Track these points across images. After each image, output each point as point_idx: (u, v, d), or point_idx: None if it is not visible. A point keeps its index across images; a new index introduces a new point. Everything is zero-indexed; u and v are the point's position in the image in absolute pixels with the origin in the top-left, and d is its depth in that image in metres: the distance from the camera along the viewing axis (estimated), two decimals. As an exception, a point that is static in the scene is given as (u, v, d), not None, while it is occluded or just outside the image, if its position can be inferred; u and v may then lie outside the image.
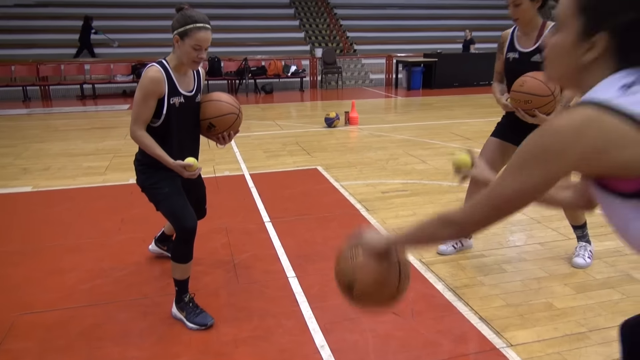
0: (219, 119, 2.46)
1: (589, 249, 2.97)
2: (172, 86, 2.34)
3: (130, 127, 2.33)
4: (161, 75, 2.30)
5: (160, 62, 2.35)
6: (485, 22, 18.11)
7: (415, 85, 12.96)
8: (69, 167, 5.52)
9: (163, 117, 2.35)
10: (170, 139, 2.40)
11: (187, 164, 2.33)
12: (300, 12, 17.13)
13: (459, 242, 3.24)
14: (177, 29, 2.27)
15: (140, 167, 2.49)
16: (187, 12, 2.28)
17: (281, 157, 5.82)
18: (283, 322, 2.47)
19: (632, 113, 0.87)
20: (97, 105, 10.81)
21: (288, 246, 3.34)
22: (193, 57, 2.28)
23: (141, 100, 2.29)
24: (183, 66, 2.37)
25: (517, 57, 2.74)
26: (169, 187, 2.42)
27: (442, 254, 3.20)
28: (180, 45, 2.28)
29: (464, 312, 2.52)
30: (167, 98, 2.32)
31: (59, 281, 2.92)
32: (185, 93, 2.40)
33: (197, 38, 2.24)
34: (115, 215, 3.97)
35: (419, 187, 4.60)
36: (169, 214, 2.43)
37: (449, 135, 6.96)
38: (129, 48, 13.76)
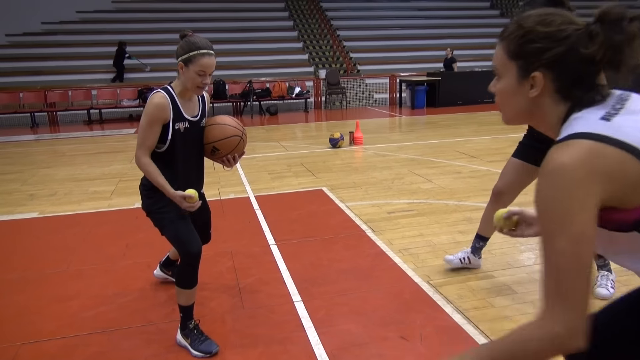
0: (222, 142, 2.47)
1: (610, 278, 2.86)
2: (177, 111, 2.36)
3: (136, 152, 2.35)
4: (166, 101, 2.32)
5: (166, 87, 2.37)
6: (486, 41, 18.26)
7: (420, 104, 13.01)
8: (75, 192, 5.54)
9: (168, 143, 2.36)
10: (176, 164, 2.40)
11: (187, 195, 2.33)
12: (304, 34, 17.36)
13: (467, 258, 3.19)
14: (181, 56, 2.30)
15: (146, 192, 2.48)
16: (190, 38, 2.31)
17: (286, 179, 5.81)
18: (289, 348, 2.42)
19: (625, 141, 0.91)
20: (103, 130, 10.92)
21: (293, 269, 3.31)
22: (197, 82, 2.31)
23: (146, 125, 2.31)
24: (188, 91, 2.39)
25: None
26: (174, 212, 2.41)
27: (448, 263, 3.21)
28: (185, 71, 2.30)
29: (473, 336, 2.46)
30: (172, 123, 2.34)
31: (62, 308, 2.89)
32: (190, 118, 2.42)
33: (200, 64, 2.27)
34: (120, 240, 3.95)
35: (425, 206, 4.57)
36: (174, 238, 2.42)
37: (454, 153, 6.94)
38: (135, 73, 13.96)
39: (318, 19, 18.21)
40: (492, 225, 3.11)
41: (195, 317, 2.50)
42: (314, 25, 17.91)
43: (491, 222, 3.09)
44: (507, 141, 7.77)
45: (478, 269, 3.20)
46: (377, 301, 2.84)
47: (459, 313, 2.68)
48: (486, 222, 3.11)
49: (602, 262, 2.89)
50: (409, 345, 2.40)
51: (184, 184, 2.43)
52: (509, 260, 3.35)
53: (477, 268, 3.21)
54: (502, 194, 3.01)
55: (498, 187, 3.03)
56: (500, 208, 3.06)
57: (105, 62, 14.22)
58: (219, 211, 4.55)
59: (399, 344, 2.41)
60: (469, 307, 2.74)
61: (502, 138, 8.06)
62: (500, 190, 3.01)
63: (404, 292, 2.94)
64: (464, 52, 17.45)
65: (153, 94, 2.33)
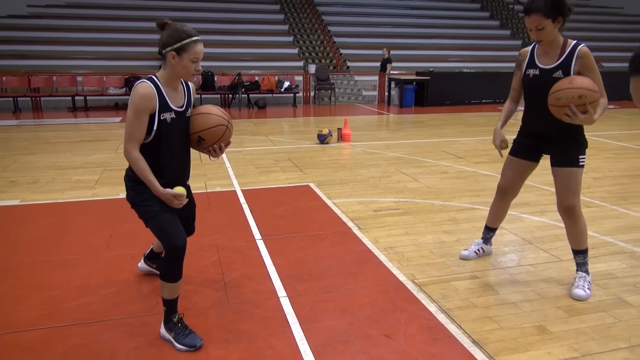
0: (208, 132, 2.45)
1: (588, 280, 2.93)
2: (163, 102, 2.33)
3: (124, 145, 2.31)
4: (152, 91, 2.28)
5: (150, 77, 2.33)
6: (475, 42, 18.38)
7: (408, 103, 13.06)
8: (57, 180, 5.45)
9: (154, 133, 2.33)
10: (162, 155, 2.38)
11: (177, 194, 2.33)
12: (294, 28, 17.27)
13: (481, 249, 3.41)
14: (171, 45, 2.26)
15: (131, 184, 2.45)
16: (178, 27, 2.29)
17: (273, 173, 5.79)
18: (273, 343, 2.42)
19: None
20: (88, 118, 10.74)
21: (279, 265, 3.30)
22: (192, 70, 2.31)
23: (133, 117, 2.27)
24: (174, 81, 2.37)
25: (537, 74, 2.79)
26: (159, 204, 2.39)
27: (465, 259, 3.38)
28: (178, 60, 2.28)
29: (456, 335, 2.49)
30: (158, 114, 2.31)
31: (43, 299, 2.85)
32: (176, 108, 2.39)
33: (195, 51, 2.28)
34: (103, 230, 3.91)
35: (411, 205, 4.59)
36: (158, 231, 2.40)
37: (441, 153, 6.99)
38: (121, 61, 13.75)
39: (309, 14, 18.13)
40: (499, 218, 3.23)
41: (179, 310, 2.48)
42: (305, 19, 17.83)
43: (498, 216, 3.31)
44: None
45: (461, 271, 3.24)
46: (362, 299, 2.85)
47: (442, 312, 2.71)
48: (494, 215, 3.33)
49: (581, 259, 2.96)
50: (393, 343, 2.42)
51: (169, 175, 2.42)
52: (492, 261, 3.39)
53: (489, 254, 3.46)
54: (505, 190, 3.19)
55: (501, 184, 3.20)
56: (506, 204, 3.21)
57: (92, 49, 13.99)
58: (204, 204, 4.52)
59: (383, 342, 2.43)
60: (452, 306, 2.77)
61: (488, 139, 8.14)
62: (504, 187, 3.19)
63: (389, 290, 2.96)
64: (454, 52, 17.55)
65: (138, 84, 2.29)
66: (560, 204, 2.85)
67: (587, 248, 2.94)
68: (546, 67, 2.75)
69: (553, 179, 2.89)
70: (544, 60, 2.77)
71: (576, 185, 2.80)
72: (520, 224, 4.10)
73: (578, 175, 2.79)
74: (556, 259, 3.40)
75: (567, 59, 2.68)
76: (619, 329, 2.55)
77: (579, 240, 2.91)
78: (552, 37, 2.68)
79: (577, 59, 2.66)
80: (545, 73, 2.75)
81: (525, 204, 4.57)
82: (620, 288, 3.00)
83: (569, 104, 2.53)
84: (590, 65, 2.65)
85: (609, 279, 3.12)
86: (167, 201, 2.37)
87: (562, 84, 2.58)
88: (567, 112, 2.54)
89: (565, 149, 2.81)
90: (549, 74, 2.72)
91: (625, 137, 8.51)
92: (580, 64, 2.66)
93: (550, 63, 2.74)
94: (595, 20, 21.18)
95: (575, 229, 2.87)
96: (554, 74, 2.70)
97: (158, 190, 2.33)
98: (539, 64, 2.79)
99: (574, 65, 2.67)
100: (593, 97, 2.52)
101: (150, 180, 2.32)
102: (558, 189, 2.86)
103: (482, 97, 13.70)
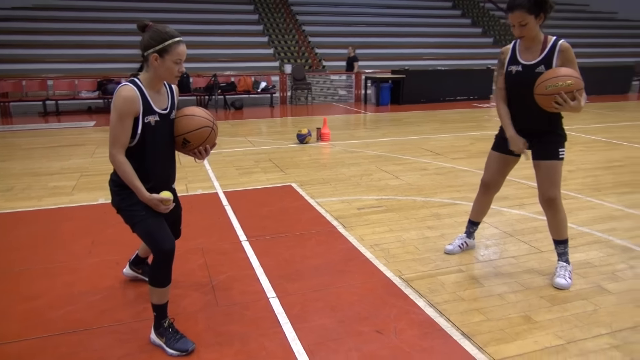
0: (193, 134, 2.44)
1: (569, 269, 3.02)
2: (147, 104, 2.30)
3: (110, 150, 2.28)
4: (135, 94, 2.26)
5: (133, 80, 2.30)
6: (448, 40, 18.66)
7: (384, 101, 13.16)
8: (34, 187, 5.32)
9: (138, 137, 2.30)
10: (147, 159, 2.35)
11: (163, 198, 2.33)
12: (269, 28, 17.22)
13: (465, 243, 3.47)
14: (153, 47, 2.24)
15: (116, 188, 2.42)
16: (159, 28, 2.27)
17: (254, 174, 5.78)
18: (266, 344, 2.42)
19: None
20: (61, 123, 10.50)
21: (267, 266, 3.30)
22: (175, 72, 2.30)
23: (117, 121, 2.24)
24: (157, 83, 2.35)
25: (520, 70, 2.85)
26: (145, 209, 2.37)
27: (450, 253, 3.44)
28: (161, 62, 2.26)
29: (446, 329, 2.53)
30: (142, 117, 2.28)
31: (27, 309, 2.78)
32: (160, 111, 2.37)
33: (177, 52, 2.26)
34: (85, 237, 3.83)
35: (393, 202, 4.65)
36: (146, 236, 2.37)
37: (420, 150, 7.08)
38: (94, 63, 13.48)
39: (284, 14, 18.10)
40: (482, 212, 3.30)
41: (168, 315, 2.46)
42: (280, 19, 17.79)
43: (481, 210, 3.37)
44: (468, 139, 7.99)
45: (447, 266, 3.29)
46: (352, 296, 2.88)
47: (431, 307, 2.75)
48: (477, 210, 3.40)
49: (562, 249, 3.05)
50: (385, 338, 2.45)
51: (155, 179, 2.40)
52: (476, 255, 3.46)
53: (472, 248, 3.54)
54: (489, 184, 3.25)
55: (484, 179, 3.26)
56: (489, 198, 3.28)
57: (62, 51, 13.68)
58: (187, 207, 4.43)
59: (375, 338, 2.45)
60: (440, 300, 2.82)
61: (464, 136, 8.28)
62: (487, 181, 3.25)
63: (377, 286, 2.99)
64: (427, 50, 17.77)
65: (120, 87, 2.25)
66: (542, 196, 2.93)
67: (567, 238, 3.03)
68: (529, 63, 2.82)
69: (535, 172, 2.97)
70: (526, 57, 2.85)
71: (557, 177, 2.88)
72: (500, 218, 4.19)
73: (558, 168, 2.87)
74: (537, 251, 3.49)
75: (549, 54, 2.76)
76: (600, 316, 2.64)
77: (559, 231, 3.00)
78: (534, 33, 2.76)
79: (558, 53, 2.75)
80: (528, 69, 2.82)
81: (504, 198, 4.67)
82: (599, 276, 3.10)
83: (558, 91, 2.60)
84: (571, 58, 2.74)
85: (588, 267, 3.22)
86: (154, 206, 2.36)
87: (549, 74, 2.66)
88: (557, 99, 2.60)
89: (546, 142, 2.89)
90: (532, 69, 2.80)
91: (595, 130, 8.76)
92: (562, 58, 2.74)
93: (532, 59, 2.82)
94: (564, 17, 21.75)
95: (556, 220, 2.96)
96: (537, 69, 2.78)
97: (144, 196, 2.31)
98: (521, 60, 2.86)
99: (555, 59, 2.75)
100: (579, 84, 2.61)
101: (136, 185, 2.30)
102: (540, 181, 2.94)
103: (457, 94, 13.91)
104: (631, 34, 21.72)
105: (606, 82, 14.50)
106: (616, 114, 10.95)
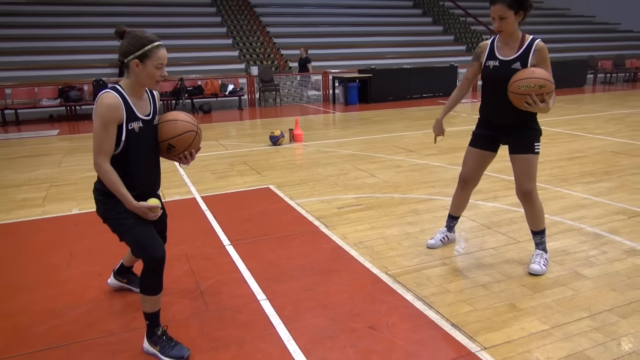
0: (178, 139, 2.42)
1: (544, 257, 3.15)
2: (130, 111, 2.29)
3: (94, 159, 2.25)
4: (118, 101, 2.23)
5: (114, 87, 2.28)
6: (411, 39, 18.97)
7: (352, 101, 13.28)
8: (1, 199, 5.13)
9: (122, 144, 2.28)
10: (131, 166, 2.33)
11: (151, 206, 2.31)
12: (233, 30, 17.08)
13: (446, 236, 3.56)
14: (133, 53, 2.22)
15: (101, 197, 2.38)
16: (138, 33, 2.26)
17: (231, 178, 5.74)
18: (262, 346, 2.43)
19: None
20: (21, 132, 10.12)
21: (253, 269, 3.30)
22: (156, 77, 2.29)
23: (101, 129, 2.21)
24: (139, 89, 2.33)
25: (497, 65, 2.95)
26: (133, 217, 2.34)
27: (432, 247, 3.53)
28: (142, 68, 2.24)
29: (436, 320, 2.60)
30: (125, 124, 2.26)
31: (8, 325, 2.69)
32: (143, 117, 2.35)
33: (158, 57, 2.26)
34: (62, 249, 3.73)
35: (372, 200, 4.71)
36: (136, 244, 2.35)
37: (392, 148, 7.19)
38: (55, 70, 13.06)
39: (247, 15, 17.99)
40: (461, 207, 3.39)
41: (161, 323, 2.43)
42: (243, 21, 17.67)
43: (460, 204, 3.45)
44: (439, 135, 8.15)
45: (430, 260, 3.37)
46: (341, 294, 2.91)
47: (419, 300, 2.82)
48: (456, 205, 3.49)
49: (539, 239, 3.18)
50: (378, 334, 2.50)
51: (140, 186, 2.37)
52: (457, 248, 3.56)
53: (453, 241, 3.64)
54: (467, 180, 3.34)
55: (463, 174, 3.34)
56: (468, 193, 3.37)
57: (20, 58, 13.18)
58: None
59: (369, 334, 2.50)
60: (427, 293, 2.89)
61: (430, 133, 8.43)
62: (465, 177, 3.33)
63: (365, 283, 3.04)
64: (391, 49, 18.02)
65: (102, 95, 2.23)
66: (519, 188, 3.04)
67: (544, 229, 3.15)
68: (506, 59, 2.93)
69: (512, 166, 3.08)
70: (504, 52, 2.95)
71: (533, 170, 2.99)
72: (477, 211, 4.31)
73: (534, 161, 2.99)
74: (514, 241, 3.62)
75: (525, 52, 2.87)
76: (579, 300, 2.77)
77: (537, 222, 3.12)
78: (512, 29, 2.86)
79: (534, 51, 2.86)
80: (504, 64, 2.92)
81: (478, 192, 4.81)
82: (574, 263, 3.24)
83: (530, 92, 2.72)
84: (545, 57, 2.86)
85: (563, 255, 3.36)
86: (142, 214, 2.33)
87: (524, 74, 2.77)
88: (527, 100, 2.74)
89: (522, 137, 3.00)
90: (508, 65, 2.90)
91: (558, 122, 9.11)
92: (537, 57, 2.85)
93: (509, 55, 2.92)
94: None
95: (533, 212, 3.08)
96: (513, 65, 2.88)
97: (132, 204, 2.29)
98: (498, 55, 2.96)
99: (531, 57, 2.86)
100: (551, 87, 2.74)
101: (123, 194, 2.27)
102: (516, 175, 3.05)
103: (422, 92, 14.18)
104: (584, 29, 22.64)
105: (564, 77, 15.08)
106: (573, 106, 11.41)
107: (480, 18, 20.75)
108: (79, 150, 7.72)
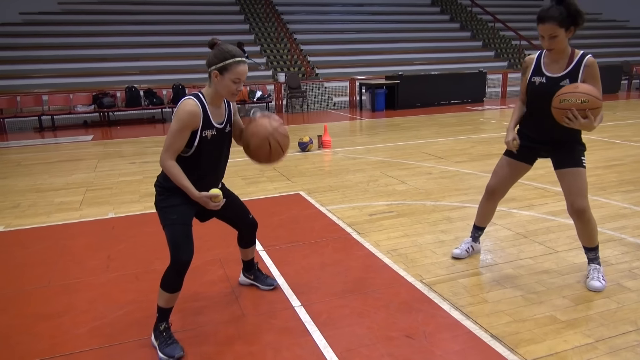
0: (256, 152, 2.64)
1: (601, 271, 3.01)
2: (207, 119, 2.44)
3: (161, 154, 2.40)
4: (198, 110, 2.39)
5: (197, 95, 2.44)
6: (441, 45, 18.83)
7: (380, 107, 13.24)
8: (40, 203, 5.28)
9: (194, 148, 2.44)
10: (198, 168, 2.48)
11: (212, 195, 2.43)
12: (260, 37, 17.27)
13: (471, 247, 3.48)
14: (215, 64, 2.37)
15: (160, 189, 2.54)
16: (223, 47, 2.39)
17: (261, 184, 5.78)
18: (299, 353, 2.43)
19: None
20: (57, 138, 10.43)
21: (287, 274, 3.31)
22: (232, 90, 2.41)
23: (177, 131, 2.36)
24: (218, 99, 2.48)
25: (544, 82, 2.83)
26: (177, 214, 2.47)
27: (457, 257, 3.45)
28: (220, 79, 2.38)
29: (474, 331, 2.56)
30: (200, 131, 2.41)
31: (51, 327, 2.76)
32: (217, 125, 2.50)
33: (236, 72, 2.37)
34: (100, 252, 3.81)
35: (404, 207, 4.68)
36: (169, 239, 2.46)
37: (422, 155, 7.13)
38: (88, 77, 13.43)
39: (274, 22, 18.17)
40: (487, 218, 3.30)
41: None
42: (271, 29, 17.85)
43: (486, 215, 3.36)
44: (469, 142, 8.06)
45: (466, 268, 3.32)
46: (376, 302, 2.89)
47: (456, 309, 2.78)
48: (482, 215, 3.40)
49: (593, 255, 3.03)
50: (415, 343, 2.47)
51: (206, 185, 2.51)
52: (493, 257, 3.49)
53: (478, 252, 3.55)
54: (495, 190, 3.24)
55: (490, 185, 3.24)
56: (494, 204, 3.28)
57: (55, 66, 13.61)
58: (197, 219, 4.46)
59: (406, 343, 2.47)
60: (464, 303, 2.85)
61: (464, 139, 8.35)
62: (493, 188, 3.23)
63: (400, 291, 3.01)
64: (418, 55, 17.92)
65: (185, 101, 2.39)
66: (571, 207, 2.87)
67: (598, 245, 3.01)
68: (554, 76, 2.80)
69: (559, 182, 2.95)
70: (552, 69, 2.82)
71: (583, 186, 2.83)
72: (511, 219, 4.23)
73: (583, 176, 2.84)
74: (553, 251, 3.54)
75: (575, 68, 2.75)
76: (624, 313, 2.68)
77: (591, 239, 2.97)
78: (563, 46, 2.73)
79: (584, 68, 2.73)
80: (552, 81, 2.80)
81: (512, 200, 4.72)
82: (617, 274, 3.14)
83: (571, 107, 2.59)
84: (595, 74, 2.72)
85: (605, 266, 3.26)
86: (204, 204, 2.46)
87: (567, 88, 2.65)
88: (568, 115, 2.60)
89: (568, 150, 2.88)
90: (556, 82, 2.77)
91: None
92: (587, 73, 2.72)
93: (558, 72, 2.79)
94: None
95: (587, 230, 2.92)
96: (561, 83, 2.75)
97: (194, 194, 2.41)
98: (546, 72, 2.84)
99: (581, 74, 2.73)
100: (596, 104, 2.58)
101: (185, 185, 2.40)
102: (566, 192, 2.89)
103: (451, 98, 14.05)
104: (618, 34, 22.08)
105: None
106: (608, 113, 11.11)
107: (509, 24, 20.45)
108: (113, 156, 7.90)
